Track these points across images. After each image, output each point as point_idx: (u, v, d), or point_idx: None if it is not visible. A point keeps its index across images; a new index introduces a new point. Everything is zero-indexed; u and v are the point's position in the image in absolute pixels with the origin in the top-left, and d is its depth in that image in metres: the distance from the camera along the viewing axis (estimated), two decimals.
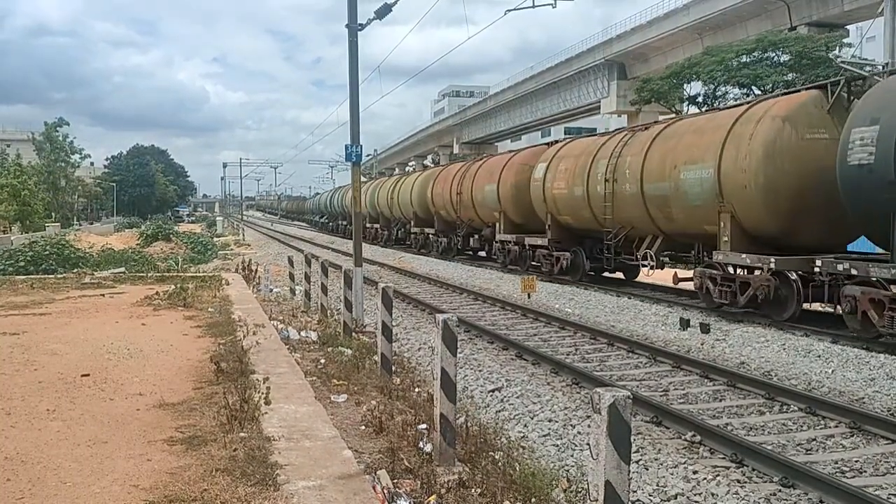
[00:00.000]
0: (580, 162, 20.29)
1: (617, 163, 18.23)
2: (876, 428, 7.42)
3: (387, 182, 45.42)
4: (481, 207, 27.58)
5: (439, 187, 32.44)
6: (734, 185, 14.27)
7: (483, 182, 27.26)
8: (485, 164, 28.77)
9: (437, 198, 32.66)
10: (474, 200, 28.03)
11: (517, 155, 26.21)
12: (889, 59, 23.83)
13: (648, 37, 52.98)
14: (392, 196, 40.85)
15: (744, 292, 14.12)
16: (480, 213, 27.90)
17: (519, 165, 24.72)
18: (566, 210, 21.04)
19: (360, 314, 13.68)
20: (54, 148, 75.44)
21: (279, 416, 6.16)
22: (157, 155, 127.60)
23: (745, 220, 14.35)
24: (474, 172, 28.58)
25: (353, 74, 14.96)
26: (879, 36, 27.57)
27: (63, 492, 4.68)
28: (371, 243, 43.23)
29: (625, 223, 18.30)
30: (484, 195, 27.01)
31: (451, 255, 31.62)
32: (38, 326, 11.23)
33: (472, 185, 28.09)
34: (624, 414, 3.58)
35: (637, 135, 18.47)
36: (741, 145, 14.16)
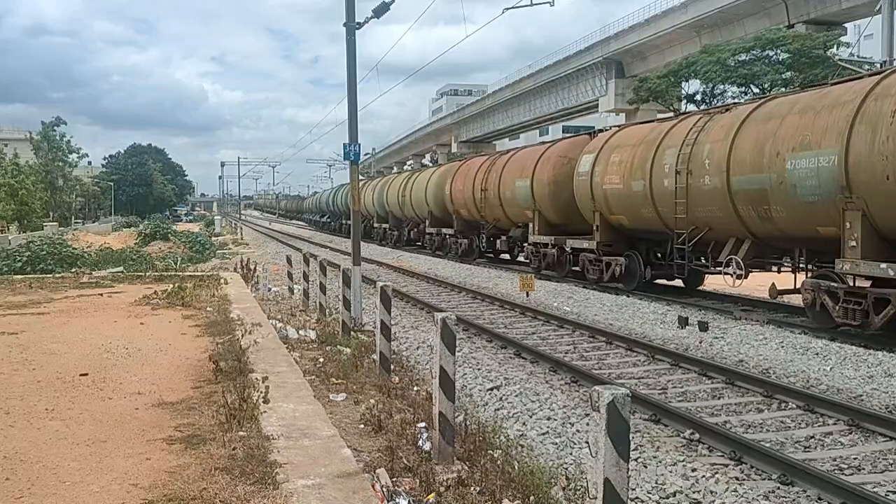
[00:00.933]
0: (639, 152, 17.40)
1: (691, 151, 15.41)
2: (874, 425, 7.43)
3: (397, 179, 42.13)
4: (510, 206, 24.85)
5: (459, 184, 29.65)
6: (869, 175, 11.41)
7: (513, 177, 24.40)
8: (514, 157, 25.73)
9: (457, 195, 29.85)
10: (502, 198, 25.30)
11: (554, 146, 23.31)
12: (887, 57, 23.85)
13: (646, 35, 53.03)
14: (404, 194, 37.95)
15: (879, 311, 11.41)
16: (509, 212, 25.17)
17: (557, 158, 21.96)
18: (620, 208, 18.20)
19: (359, 313, 13.68)
20: (52, 147, 75.36)
21: (278, 414, 6.17)
22: (154, 154, 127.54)
23: (881, 220, 11.52)
24: (501, 167, 25.69)
25: (352, 73, 14.97)
26: (877, 34, 27.59)
27: (62, 491, 4.68)
28: (380, 244, 41.73)
29: (701, 223, 15.50)
30: (514, 192, 24.19)
31: (472, 257, 29.05)
32: (37, 326, 11.22)
33: (500, 180, 25.30)
34: (623, 412, 3.58)
35: (717, 118, 15.56)
36: (879, 125, 11.29)
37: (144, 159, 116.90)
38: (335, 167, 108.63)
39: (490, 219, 27.09)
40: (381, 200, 42.63)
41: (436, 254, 32.92)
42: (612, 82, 58.36)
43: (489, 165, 27.22)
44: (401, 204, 38.62)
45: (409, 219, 38.27)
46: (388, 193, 41.33)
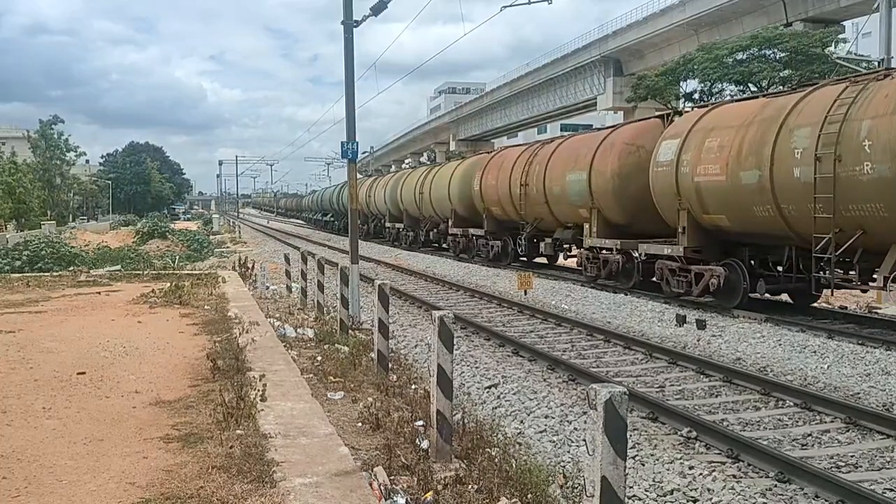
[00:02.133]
0: (751, 135, 13.65)
1: (840, 131, 11.81)
2: (871, 423, 7.45)
3: (414, 174, 38.03)
4: (559, 203, 21.22)
5: (491, 178, 25.95)
6: None
7: (562, 170, 20.80)
8: (563, 146, 21.84)
9: (489, 191, 26.12)
10: (548, 194, 21.61)
11: (617, 132, 19.53)
12: (884, 55, 23.86)
13: (644, 33, 53.01)
14: (421, 190, 34.14)
15: None
16: (556, 211, 21.61)
17: (623, 146, 18.34)
18: (719, 206, 14.47)
19: (357, 311, 13.67)
20: (49, 146, 75.17)
21: (275, 413, 6.17)
22: (152, 152, 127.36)
23: None
24: (547, 158, 22.01)
25: (349, 71, 14.94)
26: (875, 32, 27.58)
27: (59, 489, 4.68)
28: (392, 245, 38.84)
29: (850, 225, 11.90)
30: (564, 187, 20.61)
31: (506, 261, 25.56)
32: (34, 324, 11.21)
33: (546, 174, 21.59)
34: (620, 410, 3.59)
35: (875, 87, 11.91)
36: None
37: (142, 158, 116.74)
38: (333, 165, 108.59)
39: (530, 218, 23.42)
40: (394, 198, 39.07)
41: (460, 257, 29.50)
42: (611, 80, 58.32)
43: (530, 156, 23.38)
44: (418, 202, 34.84)
45: (428, 218, 34.54)
46: (403, 190, 37.61)
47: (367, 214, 47.40)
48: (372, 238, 45.35)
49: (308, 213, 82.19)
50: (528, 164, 23.19)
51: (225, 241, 48.99)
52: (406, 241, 37.79)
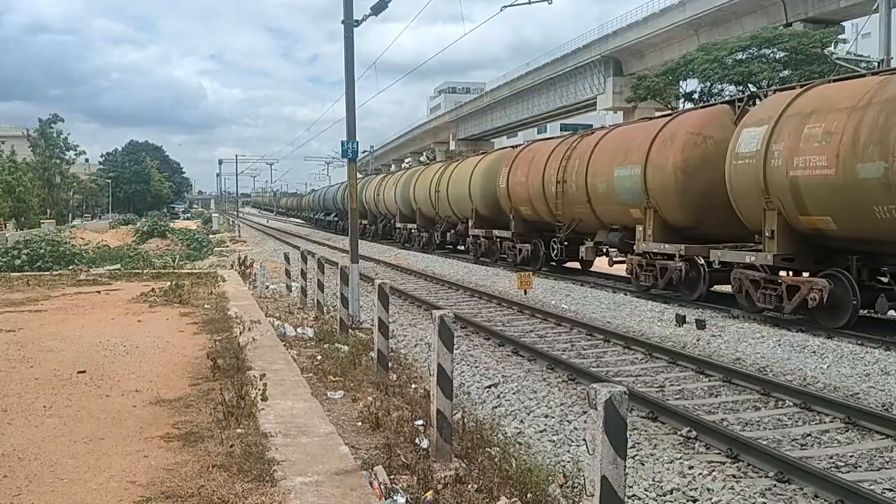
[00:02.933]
0: (868, 118, 11.34)
1: None
2: (870, 423, 7.46)
3: (428, 171, 35.42)
4: (604, 202, 18.77)
5: (520, 174, 23.50)
6: None
7: (609, 164, 18.34)
8: (609, 138, 19.34)
9: (517, 189, 23.66)
10: (590, 192, 19.17)
11: (678, 121, 16.84)
12: (884, 56, 23.88)
13: (644, 33, 53.03)
14: (438, 189, 31.59)
15: None
16: (600, 211, 19.09)
17: (688, 136, 15.88)
18: (825, 205, 12.10)
19: (357, 311, 13.68)
20: (49, 144, 75.15)
21: (276, 412, 6.17)
22: (152, 151, 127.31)
23: None
24: (589, 151, 19.50)
25: (349, 71, 14.95)
26: (875, 32, 27.61)
27: (60, 488, 4.68)
28: (402, 248, 36.49)
29: None
30: (611, 184, 18.12)
31: (535, 265, 23.18)
32: (34, 323, 11.21)
33: (588, 169, 19.18)
34: (620, 409, 3.59)
35: None
36: None
37: (142, 157, 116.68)
38: (333, 165, 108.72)
39: (567, 219, 20.89)
40: (406, 196, 36.42)
41: (481, 261, 27.27)
42: (611, 80, 58.34)
43: (567, 150, 20.83)
44: (434, 201, 32.16)
45: (444, 218, 31.86)
46: (417, 188, 34.98)
47: (376, 214, 45.17)
48: (380, 239, 43.26)
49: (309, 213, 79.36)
50: (565, 158, 20.57)
51: (224, 240, 49.00)
52: (419, 243, 35.12)
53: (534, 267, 22.95)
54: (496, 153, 29.62)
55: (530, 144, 25.85)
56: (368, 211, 45.96)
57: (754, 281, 13.67)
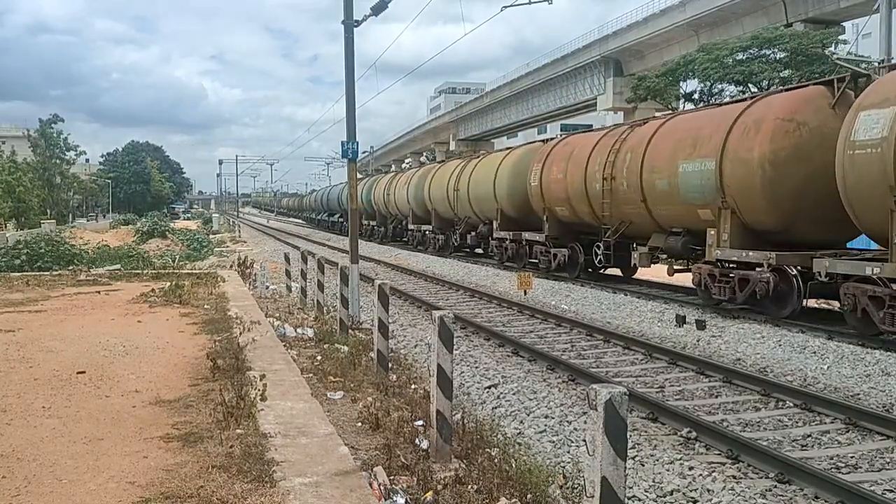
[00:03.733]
0: None
1: None
2: (871, 424, 7.45)
3: (444, 169, 32.80)
4: (663, 202, 16.19)
5: (556, 171, 20.95)
6: None
7: (671, 158, 15.72)
8: (669, 127, 16.75)
9: (554, 187, 21.14)
10: (645, 190, 16.60)
11: (762, 105, 14.20)
12: (885, 56, 23.86)
13: (644, 33, 53.04)
14: (457, 187, 29.26)
15: None
16: (659, 212, 16.57)
17: (777, 123, 13.37)
18: None
19: (357, 311, 13.68)
20: (49, 144, 75.15)
21: (275, 412, 6.16)
22: (152, 152, 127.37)
23: None
24: (644, 143, 16.94)
25: (350, 71, 14.95)
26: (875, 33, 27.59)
27: (59, 489, 4.67)
28: (416, 250, 34.35)
29: None
30: (674, 180, 15.53)
31: (573, 273, 20.82)
32: (34, 323, 11.20)
33: (643, 163, 16.65)
34: (620, 410, 3.59)
35: None
36: None
37: (142, 157, 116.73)
38: (333, 165, 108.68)
39: (615, 221, 18.37)
40: (420, 196, 34.11)
41: (506, 266, 25.07)
42: (611, 81, 58.34)
43: (615, 143, 18.29)
44: (452, 200, 29.83)
45: (464, 219, 29.41)
46: (432, 187, 32.61)
47: (386, 215, 42.63)
48: (391, 242, 40.78)
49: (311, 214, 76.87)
50: (612, 152, 18.13)
51: (225, 240, 48.99)
52: (434, 246, 32.66)
53: (571, 274, 20.90)
54: (525, 147, 26.48)
55: (566, 137, 23.11)
56: (377, 212, 44.00)
57: (875, 298, 11.32)
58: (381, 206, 43.02)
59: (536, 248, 22.94)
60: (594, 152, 19.21)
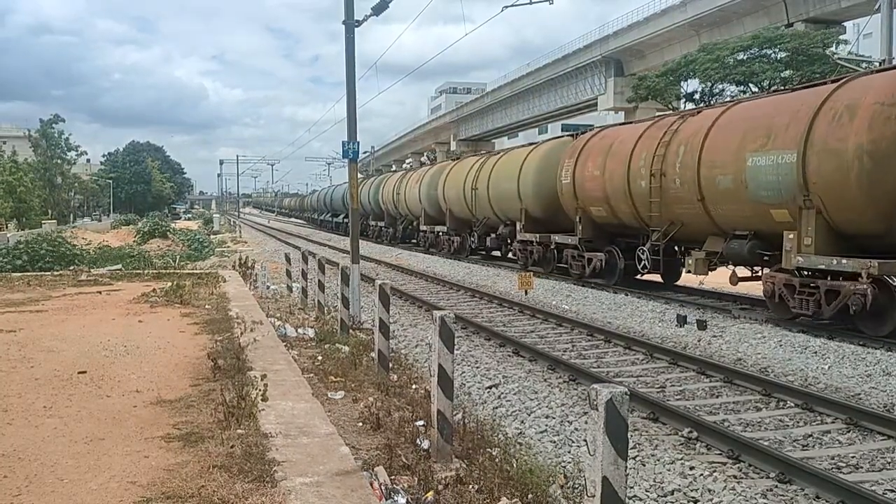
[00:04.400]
0: None
1: None
2: (872, 424, 7.45)
3: (460, 166, 30.76)
4: (729, 200, 14.17)
5: (592, 167, 18.93)
6: None
7: (737, 150, 13.78)
8: (734, 114, 14.67)
9: (589, 185, 19.06)
10: (704, 187, 14.66)
11: (854, 86, 12.34)
12: (885, 56, 23.85)
13: (645, 33, 53.05)
14: (475, 186, 27.29)
15: None
16: (720, 212, 14.59)
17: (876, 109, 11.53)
18: None
19: (358, 311, 13.68)
20: (50, 145, 75.26)
21: (276, 412, 6.16)
22: (153, 152, 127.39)
23: None
24: (702, 134, 14.89)
25: (350, 71, 14.96)
26: (876, 32, 27.58)
27: (60, 488, 4.68)
28: (428, 253, 32.39)
29: None
30: (742, 175, 13.55)
31: (610, 280, 19.03)
32: (35, 324, 11.21)
33: (701, 157, 14.69)
34: (621, 410, 3.58)
35: None
36: None
37: (143, 157, 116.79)
38: (334, 165, 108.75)
39: (663, 222, 16.28)
40: (433, 196, 32.61)
41: (530, 268, 22.62)
42: (612, 80, 58.36)
43: (664, 135, 16.25)
44: (470, 200, 27.88)
45: (482, 220, 27.65)
46: (447, 185, 30.66)
47: (395, 216, 40.70)
48: (400, 243, 39.12)
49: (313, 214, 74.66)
50: (662, 145, 16.11)
51: (225, 240, 49.00)
52: (449, 248, 30.69)
53: (608, 281, 18.91)
54: (552, 142, 24.37)
55: (602, 130, 20.79)
56: (386, 212, 42.13)
57: None
58: (389, 206, 41.24)
59: (567, 253, 20.80)
60: (638, 146, 17.12)
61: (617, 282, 18.70)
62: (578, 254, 20.14)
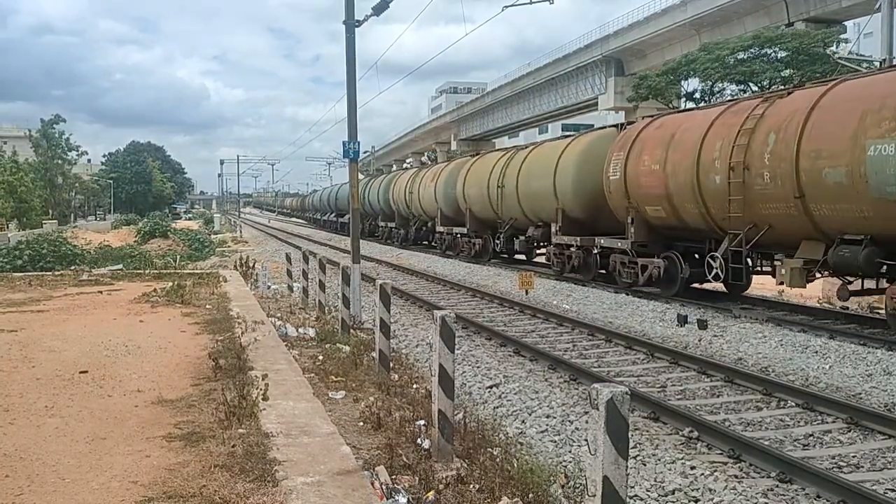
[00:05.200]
0: None
1: None
2: (873, 423, 7.45)
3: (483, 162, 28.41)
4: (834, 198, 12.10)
5: (648, 160, 16.56)
6: None
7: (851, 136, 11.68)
8: (838, 94, 12.47)
9: (644, 181, 16.75)
10: (803, 182, 12.55)
11: None
12: (886, 55, 23.85)
13: (646, 33, 53.06)
14: (502, 183, 24.88)
15: None
16: (823, 213, 12.44)
17: None
18: None
19: (358, 311, 13.69)
20: (51, 145, 75.27)
21: (277, 412, 6.17)
22: (153, 152, 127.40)
23: None
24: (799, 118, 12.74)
25: (351, 71, 14.97)
26: (877, 32, 27.58)
27: (62, 488, 4.68)
28: (444, 256, 30.45)
29: None
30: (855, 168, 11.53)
31: (672, 290, 16.48)
32: (36, 323, 11.22)
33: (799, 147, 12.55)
34: (622, 409, 3.59)
35: None
36: None
37: (143, 157, 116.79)
38: (335, 165, 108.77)
39: (743, 224, 13.89)
40: (450, 194, 30.30)
41: (565, 277, 20.98)
42: (612, 80, 58.37)
43: (745, 120, 13.85)
44: (495, 199, 25.60)
45: (509, 221, 25.17)
46: (468, 183, 28.43)
47: (407, 216, 38.20)
48: (411, 245, 37.12)
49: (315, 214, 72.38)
50: (743, 133, 13.74)
51: (226, 240, 49.01)
52: (470, 251, 28.37)
53: (666, 292, 16.54)
54: (595, 134, 21.84)
55: (657, 118, 18.29)
56: (397, 212, 39.72)
57: None
58: (401, 206, 38.77)
59: (615, 259, 18.37)
60: (711, 135, 14.73)
61: (678, 293, 16.20)
62: (630, 260, 17.67)
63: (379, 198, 43.15)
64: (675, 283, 16.40)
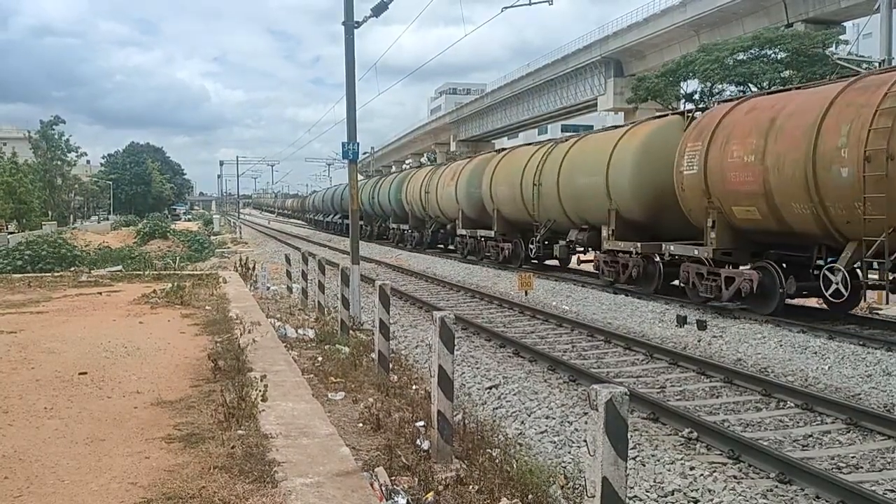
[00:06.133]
0: None
1: None
2: (872, 424, 7.45)
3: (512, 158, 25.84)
4: None
5: (736, 150, 13.79)
6: None
7: None
8: None
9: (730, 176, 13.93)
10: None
11: None
12: (885, 56, 23.87)
13: (645, 34, 53.10)
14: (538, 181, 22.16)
15: None
16: None
17: None
18: None
19: (358, 312, 13.69)
20: (50, 146, 75.19)
21: (276, 413, 6.16)
22: (153, 153, 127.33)
23: None
24: None
25: (350, 72, 14.97)
26: (876, 33, 27.59)
27: (61, 489, 4.68)
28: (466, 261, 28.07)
29: None
30: None
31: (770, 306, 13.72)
32: (35, 325, 11.21)
33: None
34: (621, 410, 3.59)
35: None
36: None
37: (143, 158, 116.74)
38: (334, 166, 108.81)
39: (876, 229, 11.29)
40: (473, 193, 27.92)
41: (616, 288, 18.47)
42: (611, 81, 58.41)
43: (885, 98, 11.19)
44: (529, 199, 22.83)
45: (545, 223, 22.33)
46: (495, 182, 25.93)
47: (422, 217, 35.52)
48: (426, 249, 34.54)
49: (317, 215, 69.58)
50: (882, 113, 11.13)
51: (226, 241, 49.01)
52: (497, 257, 25.87)
53: (761, 310, 13.81)
54: (658, 122, 18.37)
55: (745, 100, 15.13)
56: (411, 214, 36.90)
57: None
58: (416, 207, 35.79)
59: (688, 269, 15.45)
60: (830, 117, 11.95)
61: (776, 311, 13.56)
62: (709, 271, 14.77)
63: (390, 198, 40.25)
64: (771, 299, 13.62)
